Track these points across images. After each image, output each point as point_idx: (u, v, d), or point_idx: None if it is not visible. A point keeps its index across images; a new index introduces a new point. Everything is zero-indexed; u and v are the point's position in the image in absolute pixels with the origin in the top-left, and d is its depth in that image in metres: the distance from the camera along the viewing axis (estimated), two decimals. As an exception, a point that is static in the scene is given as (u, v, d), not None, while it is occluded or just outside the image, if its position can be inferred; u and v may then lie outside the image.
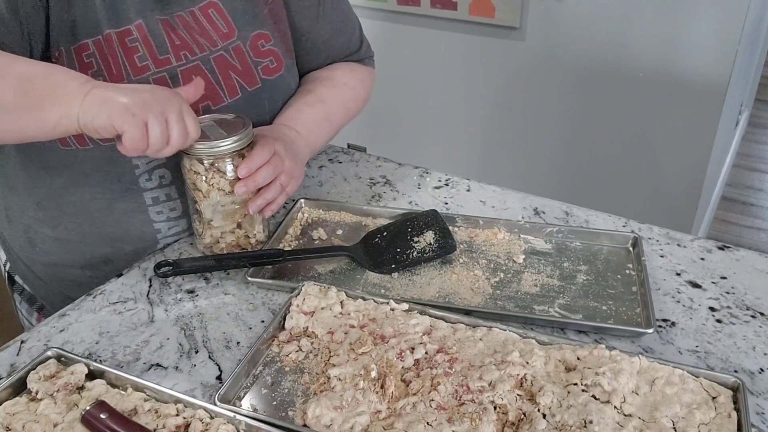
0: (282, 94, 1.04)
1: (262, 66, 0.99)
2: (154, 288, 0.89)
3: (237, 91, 0.96)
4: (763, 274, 0.89)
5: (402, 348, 0.72)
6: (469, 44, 2.02)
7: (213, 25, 0.95)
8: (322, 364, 0.73)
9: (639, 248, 0.91)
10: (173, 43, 0.91)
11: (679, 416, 0.64)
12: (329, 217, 1.04)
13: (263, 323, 0.82)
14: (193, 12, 0.93)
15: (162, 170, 0.93)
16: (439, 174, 1.17)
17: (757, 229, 2.76)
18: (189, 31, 0.93)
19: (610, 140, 1.92)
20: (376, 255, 0.92)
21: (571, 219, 1.02)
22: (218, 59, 0.95)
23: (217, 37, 0.95)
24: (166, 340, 0.80)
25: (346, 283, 0.89)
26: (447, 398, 0.66)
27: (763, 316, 0.82)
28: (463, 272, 0.90)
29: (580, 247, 0.94)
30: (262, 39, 0.99)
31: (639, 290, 0.85)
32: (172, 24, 0.92)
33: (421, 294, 0.86)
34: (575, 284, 0.87)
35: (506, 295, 0.85)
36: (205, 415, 0.65)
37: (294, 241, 0.98)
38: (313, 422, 0.65)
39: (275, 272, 0.92)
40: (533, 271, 0.90)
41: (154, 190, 0.94)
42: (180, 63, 0.92)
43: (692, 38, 1.66)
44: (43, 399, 0.67)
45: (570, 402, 0.65)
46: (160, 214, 0.95)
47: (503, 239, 0.96)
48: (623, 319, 0.81)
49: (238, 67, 0.96)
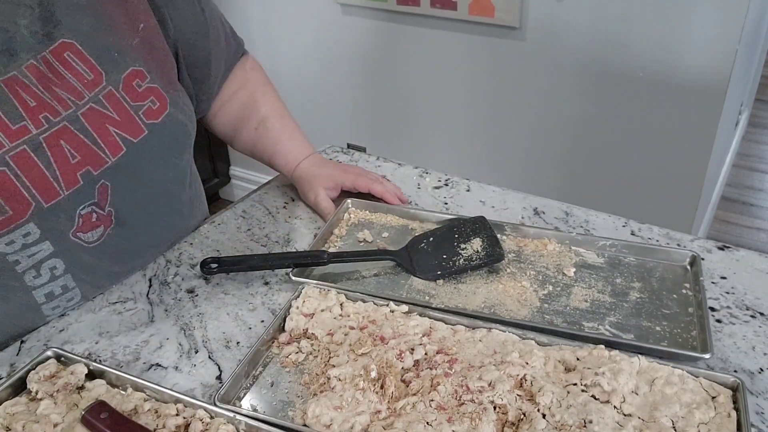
0: (178, 134, 0.92)
1: (143, 110, 0.85)
2: (154, 288, 0.89)
3: (120, 146, 0.82)
4: (763, 274, 0.89)
5: (402, 349, 0.72)
6: (469, 44, 2.02)
7: (73, 72, 0.79)
8: (322, 364, 0.73)
9: (697, 267, 0.87)
10: (27, 106, 0.75)
11: (678, 416, 0.64)
12: (375, 218, 1.03)
13: (263, 323, 0.82)
14: (45, 59, 0.77)
15: (52, 261, 0.79)
16: (438, 174, 1.17)
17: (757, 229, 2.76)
18: (45, 84, 0.77)
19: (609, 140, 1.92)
20: (422, 260, 0.90)
21: (571, 219, 1.02)
22: (89, 114, 0.80)
23: (82, 86, 0.80)
24: (166, 340, 0.80)
25: (390, 287, 0.88)
26: (447, 398, 0.66)
27: (762, 316, 0.82)
28: (510, 283, 0.87)
29: (635, 263, 0.90)
30: (137, 78, 0.85)
31: (696, 312, 0.81)
32: (20, 80, 0.75)
33: (466, 303, 0.83)
34: (628, 302, 0.83)
35: (554, 309, 0.82)
36: (205, 415, 0.65)
37: (339, 242, 0.98)
38: (313, 422, 0.65)
39: (318, 273, 0.91)
40: (584, 285, 0.86)
41: (46, 286, 0.80)
42: (41, 129, 0.76)
43: (692, 38, 1.66)
44: (43, 399, 0.67)
45: (570, 402, 0.65)
46: (57, 308, 0.83)
47: (553, 250, 0.93)
48: (678, 342, 0.77)
49: (115, 117, 0.82)
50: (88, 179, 0.80)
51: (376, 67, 2.28)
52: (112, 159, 0.82)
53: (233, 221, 1.05)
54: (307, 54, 2.41)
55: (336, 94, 2.43)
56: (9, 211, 0.74)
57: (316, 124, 2.54)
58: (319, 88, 2.45)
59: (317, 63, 2.40)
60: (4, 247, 0.75)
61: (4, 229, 0.74)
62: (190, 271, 0.92)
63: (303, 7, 2.30)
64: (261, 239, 1.00)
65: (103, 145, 0.81)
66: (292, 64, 2.47)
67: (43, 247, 0.78)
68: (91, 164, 0.80)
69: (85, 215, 0.81)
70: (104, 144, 0.81)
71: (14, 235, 0.75)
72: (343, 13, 2.23)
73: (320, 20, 2.29)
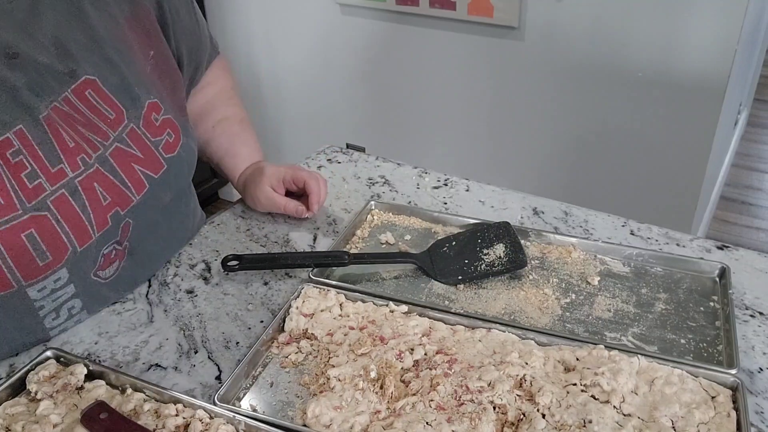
0: (190, 160, 0.92)
1: (162, 144, 0.84)
2: (153, 288, 0.89)
3: (144, 183, 0.82)
4: (762, 273, 0.89)
5: (401, 349, 0.72)
6: (468, 44, 2.02)
7: (95, 111, 0.77)
8: (322, 365, 0.73)
9: (726, 279, 0.85)
10: (65, 147, 0.74)
11: (678, 416, 0.64)
12: (399, 221, 1.03)
13: (262, 323, 0.82)
14: (67, 99, 0.75)
15: (72, 302, 0.78)
16: (438, 174, 1.17)
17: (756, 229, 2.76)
18: (72, 125, 0.75)
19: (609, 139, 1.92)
20: (443, 264, 0.90)
21: (570, 219, 1.02)
22: (116, 154, 0.79)
23: (106, 126, 0.78)
24: (166, 340, 0.80)
25: (410, 290, 0.87)
26: (446, 398, 0.66)
27: (762, 315, 0.82)
28: (531, 290, 0.86)
29: (661, 273, 0.88)
30: (154, 111, 0.84)
31: (723, 326, 0.78)
32: (53, 121, 0.73)
33: (486, 309, 0.83)
34: (652, 313, 0.81)
35: (576, 318, 0.81)
36: (205, 415, 0.65)
37: (361, 243, 0.97)
38: (312, 422, 0.65)
39: (339, 274, 0.90)
40: (608, 295, 0.85)
41: (63, 324, 0.80)
42: (78, 172, 0.75)
43: (691, 38, 1.66)
44: (42, 400, 0.67)
45: (569, 402, 0.65)
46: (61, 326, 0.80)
47: (578, 258, 0.91)
48: (703, 356, 0.74)
49: (138, 155, 0.81)
50: (116, 219, 0.79)
51: (375, 66, 2.28)
52: (137, 197, 0.81)
53: (232, 221, 1.05)
54: (305, 54, 2.41)
55: (335, 93, 2.42)
56: (49, 257, 0.73)
57: (314, 124, 2.54)
58: (318, 87, 2.45)
59: (316, 63, 2.40)
60: (35, 293, 0.73)
61: (41, 276, 0.73)
62: (189, 272, 0.92)
63: (302, 6, 2.30)
64: (260, 239, 1.00)
65: (130, 184, 0.80)
66: (291, 64, 2.47)
67: (68, 290, 0.77)
68: (119, 204, 0.79)
69: (106, 254, 0.80)
70: (130, 183, 0.80)
71: (48, 281, 0.74)
72: (342, 13, 2.22)
73: (319, 20, 2.29)
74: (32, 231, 0.71)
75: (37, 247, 0.71)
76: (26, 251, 0.71)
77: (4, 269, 0.70)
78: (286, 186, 1.02)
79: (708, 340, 0.77)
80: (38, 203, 0.71)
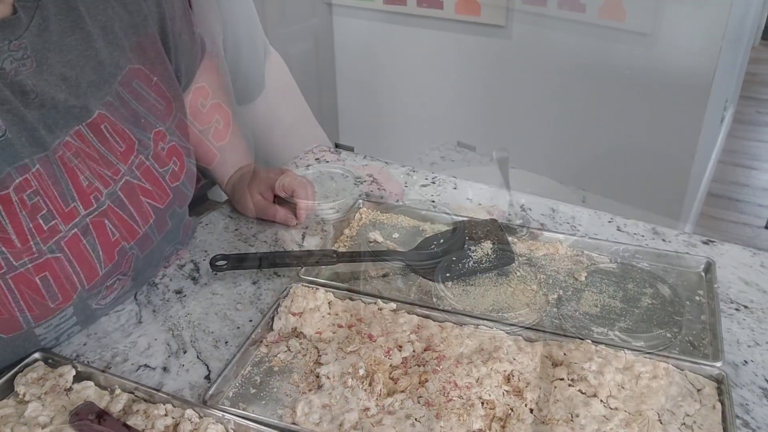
0: (192, 182, 0.91)
1: (168, 174, 0.83)
2: (142, 289, 0.89)
3: (150, 214, 0.81)
4: (747, 267, 0.90)
5: (390, 346, 0.72)
6: (456, 43, 2.03)
7: (107, 144, 0.76)
8: (311, 363, 0.74)
9: (712, 274, 0.86)
10: (78, 185, 0.72)
11: (664, 409, 0.65)
12: (387, 219, 1.03)
13: (251, 323, 0.82)
14: (79, 132, 0.73)
15: (72, 329, 0.79)
16: (425, 172, 1.17)
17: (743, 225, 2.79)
18: (83, 161, 0.73)
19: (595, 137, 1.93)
20: (431, 262, 0.90)
21: (557, 216, 1.03)
22: (125, 188, 0.77)
23: (116, 159, 0.77)
24: (154, 340, 0.80)
25: (399, 288, 0.87)
26: (435, 395, 0.66)
27: (746, 308, 0.83)
28: (519, 286, 0.86)
29: (648, 269, 0.89)
30: (160, 141, 0.83)
31: (708, 319, 0.79)
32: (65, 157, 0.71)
33: (474, 305, 0.83)
34: (639, 307, 0.82)
35: (563, 314, 0.81)
36: (194, 415, 0.65)
37: (349, 242, 0.98)
38: (301, 420, 0.65)
39: (327, 273, 0.90)
40: (595, 290, 0.85)
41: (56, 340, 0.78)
42: (90, 210, 0.73)
43: (676, 35, 1.68)
44: (30, 401, 0.67)
45: (557, 396, 0.66)
46: None
47: (565, 254, 0.92)
48: (689, 350, 0.75)
49: (146, 186, 0.80)
50: (122, 253, 0.78)
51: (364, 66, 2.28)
52: (143, 229, 0.80)
53: (221, 221, 1.05)
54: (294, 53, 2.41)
55: (324, 93, 2.42)
56: (59, 297, 0.72)
57: (304, 123, 2.53)
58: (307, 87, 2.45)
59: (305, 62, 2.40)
60: (41, 330, 0.73)
61: (50, 316, 0.72)
62: (178, 272, 0.92)
63: (291, 6, 2.30)
64: (249, 239, 1.00)
65: (137, 217, 0.79)
66: (279, 64, 2.46)
67: (70, 322, 0.77)
68: (126, 239, 0.78)
69: (109, 285, 0.80)
70: (138, 216, 0.79)
71: (55, 320, 0.74)
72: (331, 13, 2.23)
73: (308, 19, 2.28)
74: (47, 274, 0.70)
75: (50, 289, 0.71)
76: (39, 294, 0.70)
77: (16, 312, 0.69)
78: (275, 192, 1.03)
79: (694, 334, 0.78)
80: (53, 245, 0.70)
